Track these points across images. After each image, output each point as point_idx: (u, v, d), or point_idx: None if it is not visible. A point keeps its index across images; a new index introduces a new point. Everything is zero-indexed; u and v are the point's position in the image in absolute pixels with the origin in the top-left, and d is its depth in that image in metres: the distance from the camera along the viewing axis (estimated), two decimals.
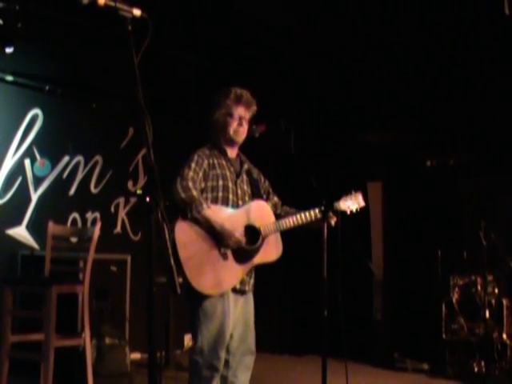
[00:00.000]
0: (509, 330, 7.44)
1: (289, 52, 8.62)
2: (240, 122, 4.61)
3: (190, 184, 4.31)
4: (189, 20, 7.88)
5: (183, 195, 4.24)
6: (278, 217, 4.71)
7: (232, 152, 4.70)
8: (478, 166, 8.22)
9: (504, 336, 7.39)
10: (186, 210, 4.24)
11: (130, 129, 8.43)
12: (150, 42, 2.84)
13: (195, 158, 4.48)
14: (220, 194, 4.48)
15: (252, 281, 4.63)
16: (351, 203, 4.76)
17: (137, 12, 2.84)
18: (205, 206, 4.26)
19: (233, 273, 4.40)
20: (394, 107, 8.77)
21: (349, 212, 4.74)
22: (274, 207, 4.83)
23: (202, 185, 4.45)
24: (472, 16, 7.24)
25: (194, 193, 4.28)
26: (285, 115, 4.57)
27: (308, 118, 9.07)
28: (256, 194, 4.72)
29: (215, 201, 4.45)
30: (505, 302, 7.54)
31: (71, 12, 6.83)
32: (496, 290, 7.63)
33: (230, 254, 4.37)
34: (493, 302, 7.57)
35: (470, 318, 7.66)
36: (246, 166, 4.76)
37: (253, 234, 4.48)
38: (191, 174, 4.37)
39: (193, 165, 4.42)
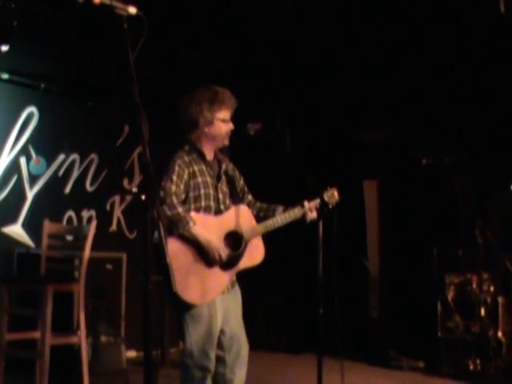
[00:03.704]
0: (504, 328, 7.44)
1: (285, 50, 8.62)
2: (229, 125, 4.58)
3: (175, 200, 4.24)
4: (186, 18, 7.88)
5: (169, 213, 4.17)
6: (254, 217, 4.71)
7: (210, 154, 4.62)
8: (473, 165, 8.22)
9: (499, 334, 7.39)
10: (173, 227, 4.20)
11: (125, 127, 8.43)
12: (146, 40, 2.85)
13: (176, 168, 4.35)
14: (203, 204, 4.43)
15: (234, 278, 4.61)
16: (327, 200, 4.74)
17: (132, 10, 2.84)
18: (191, 223, 4.22)
19: (219, 280, 4.40)
20: (389, 105, 8.77)
21: (325, 209, 4.72)
22: (248, 206, 4.76)
23: (183, 196, 4.38)
24: (467, 14, 7.25)
25: (180, 210, 4.23)
26: (280, 113, 4.57)
27: (304, 116, 9.06)
28: (234, 195, 4.68)
29: (198, 210, 4.41)
30: (500, 300, 7.54)
31: (67, 10, 6.83)
32: (491, 288, 7.63)
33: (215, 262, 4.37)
34: (488, 300, 7.57)
35: (466, 316, 7.66)
36: (224, 166, 4.69)
37: (235, 239, 4.47)
38: (174, 188, 4.27)
39: (174, 177, 4.31)
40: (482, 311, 7.47)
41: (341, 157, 9.13)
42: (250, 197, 4.87)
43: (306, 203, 4.67)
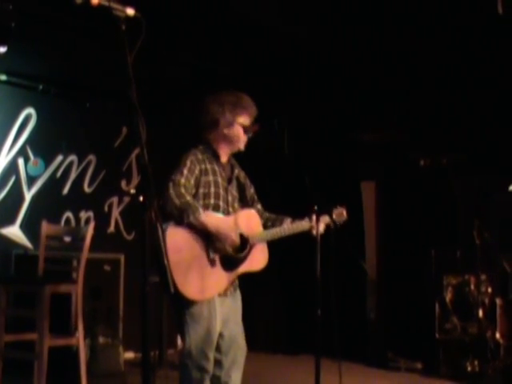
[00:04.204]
0: (502, 329, 7.45)
1: (282, 51, 8.62)
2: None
3: (183, 190, 4.26)
4: (183, 19, 7.87)
5: (177, 202, 4.20)
6: (262, 226, 4.72)
7: (224, 157, 4.66)
8: (471, 166, 8.23)
9: (497, 335, 7.39)
10: (182, 216, 4.20)
11: (123, 128, 8.43)
12: (144, 42, 2.84)
13: (188, 163, 4.40)
14: (211, 202, 4.46)
15: (234, 283, 4.62)
16: (335, 217, 4.79)
17: (130, 11, 2.84)
18: (201, 210, 4.24)
19: (218, 279, 4.40)
20: (387, 107, 8.77)
21: (332, 226, 4.75)
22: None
23: (193, 191, 4.40)
24: (465, 15, 7.25)
25: (189, 198, 4.26)
26: (278, 114, 4.58)
27: (301, 118, 9.07)
28: (244, 201, 4.73)
29: (206, 208, 4.42)
30: (498, 301, 7.54)
31: (65, 11, 6.83)
32: (489, 290, 7.64)
33: (217, 260, 4.37)
34: (486, 301, 7.58)
35: (464, 318, 7.66)
36: (236, 171, 4.73)
37: (241, 241, 4.48)
38: (183, 180, 4.31)
39: (185, 171, 4.35)
40: (480, 312, 7.48)
41: (339, 158, 9.14)
42: (259, 206, 4.88)
43: (314, 217, 4.69)
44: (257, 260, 4.56)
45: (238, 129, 4.56)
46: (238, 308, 4.66)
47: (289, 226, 4.63)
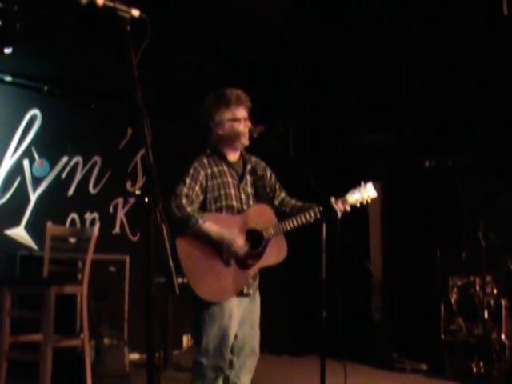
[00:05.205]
0: (507, 330, 7.44)
1: (287, 53, 8.62)
2: (245, 123, 4.58)
3: (184, 201, 4.26)
4: (187, 20, 7.87)
5: (178, 214, 4.21)
6: (284, 215, 4.64)
7: (233, 155, 4.63)
8: (476, 167, 8.22)
9: (503, 336, 7.38)
10: (184, 227, 4.23)
11: (128, 129, 8.43)
12: (149, 43, 2.84)
13: (190, 171, 4.40)
14: (224, 203, 4.44)
15: (256, 283, 4.61)
16: (359, 195, 4.76)
17: (135, 12, 2.84)
18: (201, 221, 4.24)
19: (236, 279, 4.38)
20: (392, 107, 8.76)
21: (359, 205, 4.73)
22: (281, 204, 4.75)
23: (201, 197, 4.42)
24: (470, 16, 7.24)
25: (189, 209, 4.25)
26: (283, 116, 4.57)
27: (306, 119, 9.06)
28: (261, 195, 4.65)
29: (220, 210, 4.42)
30: (503, 302, 7.53)
31: (70, 12, 6.84)
32: (495, 291, 7.63)
33: (232, 260, 4.36)
34: (491, 302, 7.56)
35: (469, 319, 7.64)
36: (249, 166, 4.68)
37: (255, 237, 4.46)
38: (185, 190, 4.32)
39: (188, 180, 4.36)
40: (485, 313, 7.45)
41: (344, 159, 9.12)
42: (283, 194, 4.82)
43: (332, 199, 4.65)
44: (274, 254, 4.52)
45: (230, 125, 4.53)
46: (256, 311, 4.63)
47: (302, 216, 4.53)
